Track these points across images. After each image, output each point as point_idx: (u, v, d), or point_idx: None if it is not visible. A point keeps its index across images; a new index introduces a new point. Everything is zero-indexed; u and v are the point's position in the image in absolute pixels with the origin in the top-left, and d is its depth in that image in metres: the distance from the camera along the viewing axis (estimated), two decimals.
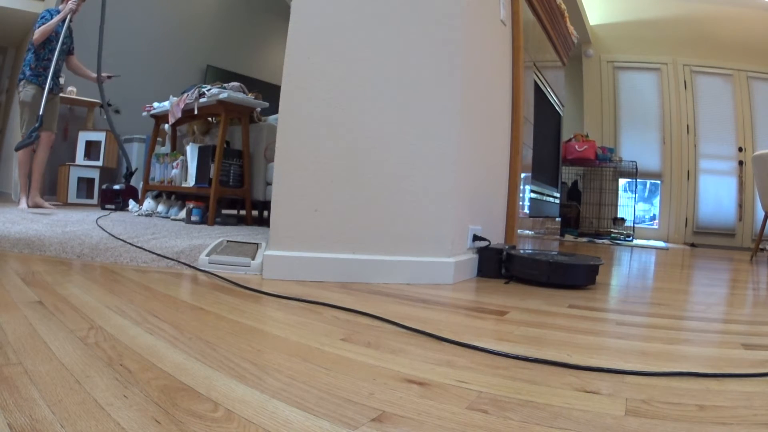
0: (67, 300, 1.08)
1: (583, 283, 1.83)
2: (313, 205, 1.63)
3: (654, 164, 6.30)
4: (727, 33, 5.92)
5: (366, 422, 0.59)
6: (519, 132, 2.35)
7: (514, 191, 2.35)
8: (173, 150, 3.64)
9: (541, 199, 3.01)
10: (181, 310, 1.09)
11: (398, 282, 1.64)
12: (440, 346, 0.95)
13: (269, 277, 1.58)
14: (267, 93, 3.39)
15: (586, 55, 6.52)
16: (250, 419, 0.58)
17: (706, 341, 1.12)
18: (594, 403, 0.69)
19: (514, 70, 2.38)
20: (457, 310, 1.30)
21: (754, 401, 0.73)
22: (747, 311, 1.61)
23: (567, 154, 5.36)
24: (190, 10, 6.10)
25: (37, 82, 3.31)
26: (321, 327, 1.04)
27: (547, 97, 3.17)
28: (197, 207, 2.86)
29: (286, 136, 1.65)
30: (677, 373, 0.83)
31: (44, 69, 3.34)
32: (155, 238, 1.98)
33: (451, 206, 1.70)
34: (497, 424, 0.61)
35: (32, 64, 3.32)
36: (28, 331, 0.84)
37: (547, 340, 1.03)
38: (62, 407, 0.56)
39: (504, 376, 0.79)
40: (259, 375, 0.73)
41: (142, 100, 4.07)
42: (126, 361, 0.73)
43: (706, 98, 6.08)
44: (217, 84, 3.07)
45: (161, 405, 0.60)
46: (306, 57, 1.65)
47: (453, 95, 1.71)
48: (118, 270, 1.53)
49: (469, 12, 1.79)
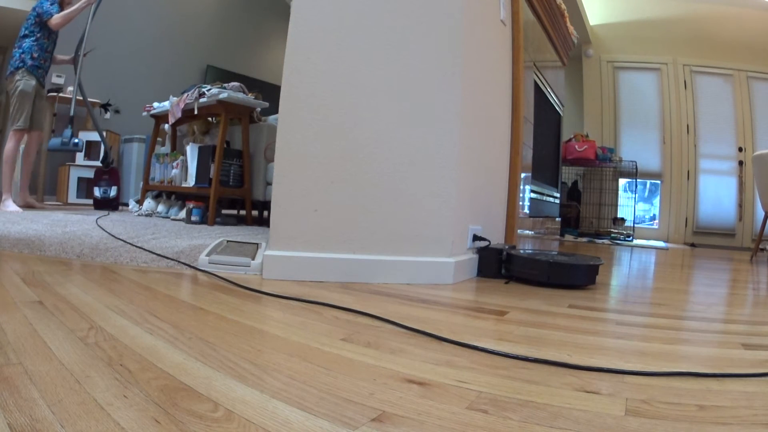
0: (67, 300, 1.08)
1: (583, 283, 1.83)
2: (313, 205, 1.63)
3: (654, 164, 6.30)
4: (727, 33, 5.92)
5: (366, 422, 0.59)
6: (519, 132, 2.35)
7: (514, 191, 2.35)
8: (173, 150, 3.64)
9: (541, 199, 3.01)
10: (181, 310, 1.09)
11: (398, 282, 1.64)
12: (440, 346, 0.95)
13: (269, 277, 1.58)
14: (267, 93, 3.39)
15: (586, 55, 6.52)
16: (250, 419, 0.58)
17: (706, 341, 1.12)
18: (594, 403, 0.69)
19: (514, 70, 2.38)
20: (457, 310, 1.30)
21: (754, 401, 0.73)
22: (747, 311, 1.61)
23: (567, 154, 5.36)
24: (190, 10, 6.10)
25: (38, 75, 3.17)
26: (321, 327, 1.04)
27: (547, 97, 3.17)
28: (197, 207, 2.86)
29: (286, 136, 1.65)
30: (677, 373, 0.83)
31: (44, 61, 3.20)
32: (155, 238, 1.98)
33: (452, 206, 1.70)
34: (497, 424, 0.61)
35: (34, 53, 3.12)
36: (28, 331, 0.84)
37: (547, 340, 1.03)
38: (62, 407, 0.56)
39: (504, 376, 0.79)
40: (259, 375, 0.73)
41: (142, 100, 4.07)
42: (126, 361, 0.73)
43: (706, 98, 6.08)
44: (217, 84, 3.07)
45: (161, 405, 0.60)
46: (306, 57, 1.65)
47: (453, 95, 1.71)
48: (118, 270, 1.53)
49: (469, 12, 1.79)
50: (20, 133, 3.18)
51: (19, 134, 3.19)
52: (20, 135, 3.20)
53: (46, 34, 3.19)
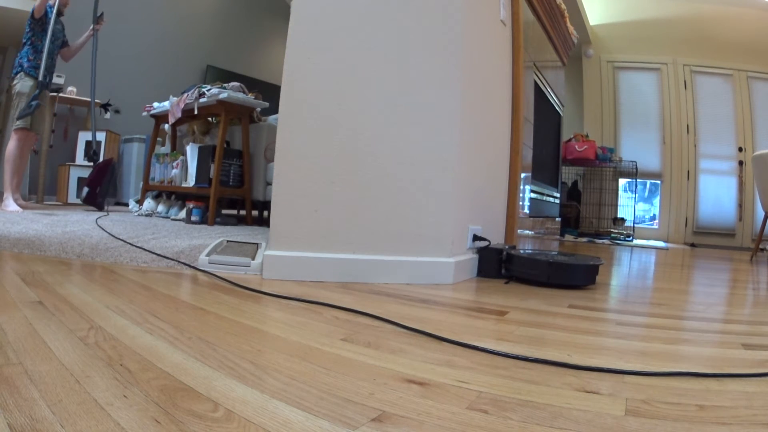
0: (67, 300, 1.08)
1: (583, 283, 1.83)
2: (313, 205, 1.63)
3: (654, 164, 6.30)
4: (727, 33, 5.92)
5: (366, 422, 0.59)
6: (519, 132, 2.35)
7: (514, 191, 2.35)
8: (173, 150, 3.64)
9: (541, 199, 3.01)
10: (181, 310, 1.09)
11: (398, 282, 1.64)
12: (440, 346, 0.95)
13: (269, 277, 1.58)
14: (267, 93, 3.39)
15: (586, 55, 6.52)
16: (250, 419, 0.58)
17: (706, 341, 1.12)
18: (594, 403, 0.69)
19: (514, 70, 2.38)
20: (457, 310, 1.30)
21: (754, 401, 0.73)
22: (747, 311, 1.61)
23: (567, 154, 5.36)
24: (190, 10, 6.10)
25: (35, 75, 3.22)
26: (321, 327, 1.04)
27: (547, 97, 3.17)
28: (197, 207, 2.86)
29: (286, 136, 1.65)
30: (677, 373, 0.83)
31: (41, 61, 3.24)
32: (155, 238, 1.98)
33: (452, 206, 1.70)
34: (497, 424, 0.61)
35: (30, 56, 3.22)
36: (28, 331, 0.84)
37: (547, 340, 1.03)
38: (62, 407, 0.56)
39: (504, 376, 0.79)
40: (259, 375, 0.73)
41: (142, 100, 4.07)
42: (126, 361, 0.73)
43: (706, 98, 6.08)
44: (217, 84, 3.07)
45: (161, 405, 0.60)
46: (306, 57, 1.65)
47: (453, 95, 1.71)
48: (118, 270, 1.53)
49: (470, 12, 1.79)
50: (21, 132, 3.19)
51: (21, 133, 3.20)
52: (22, 134, 3.21)
53: (37, 32, 3.24)
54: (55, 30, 3.32)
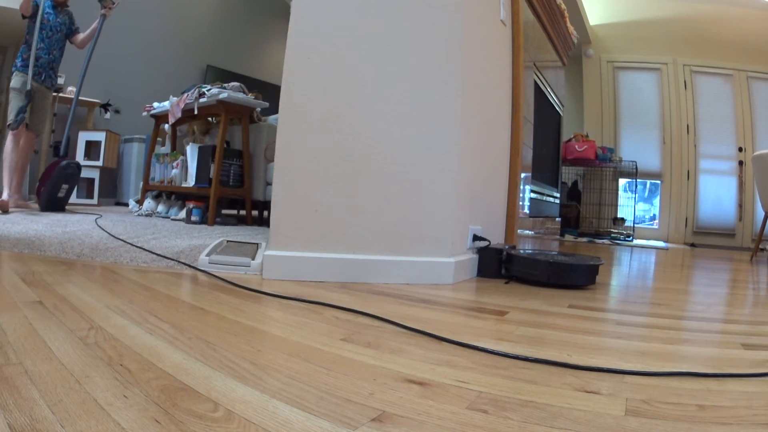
0: (67, 300, 1.08)
1: (583, 283, 1.83)
2: (313, 205, 1.63)
3: (654, 164, 6.30)
4: (727, 33, 5.92)
5: (366, 422, 0.59)
6: (519, 132, 2.35)
7: (514, 191, 2.35)
8: (173, 150, 3.64)
9: (541, 199, 3.01)
10: (181, 310, 1.09)
11: (398, 282, 1.64)
12: (440, 346, 0.95)
13: (269, 277, 1.58)
14: (267, 93, 3.39)
15: (586, 55, 6.52)
16: (250, 419, 0.58)
17: (706, 341, 1.12)
18: (594, 403, 0.69)
19: (514, 70, 2.38)
20: (457, 310, 1.30)
21: (754, 401, 0.73)
22: (747, 311, 1.61)
23: (567, 154, 5.36)
24: (190, 10, 6.10)
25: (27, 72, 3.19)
26: (321, 327, 1.04)
27: (547, 97, 3.17)
28: (197, 207, 2.86)
29: (286, 136, 1.65)
30: (677, 373, 0.83)
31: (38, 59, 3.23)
32: (155, 238, 1.98)
33: (452, 206, 1.70)
34: (497, 424, 0.61)
35: (24, 55, 3.22)
36: (28, 331, 0.84)
37: (547, 340, 1.03)
38: (62, 407, 0.56)
39: (504, 376, 0.79)
40: (259, 375, 0.73)
41: (142, 100, 4.07)
42: (126, 361, 0.73)
43: (706, 98, 6.08)
44: (217, 84, 3.07)
45: (161, 405, 0.60)
46: (306, 57, 1.65)
47: (453, 95, 1.71)
48: (118, 270, 1.53)
49: (469, 12, 1.79)
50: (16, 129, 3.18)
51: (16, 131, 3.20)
52: (17, 132, 3.20)
53: (30, 30, 3.23)
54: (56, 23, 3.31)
